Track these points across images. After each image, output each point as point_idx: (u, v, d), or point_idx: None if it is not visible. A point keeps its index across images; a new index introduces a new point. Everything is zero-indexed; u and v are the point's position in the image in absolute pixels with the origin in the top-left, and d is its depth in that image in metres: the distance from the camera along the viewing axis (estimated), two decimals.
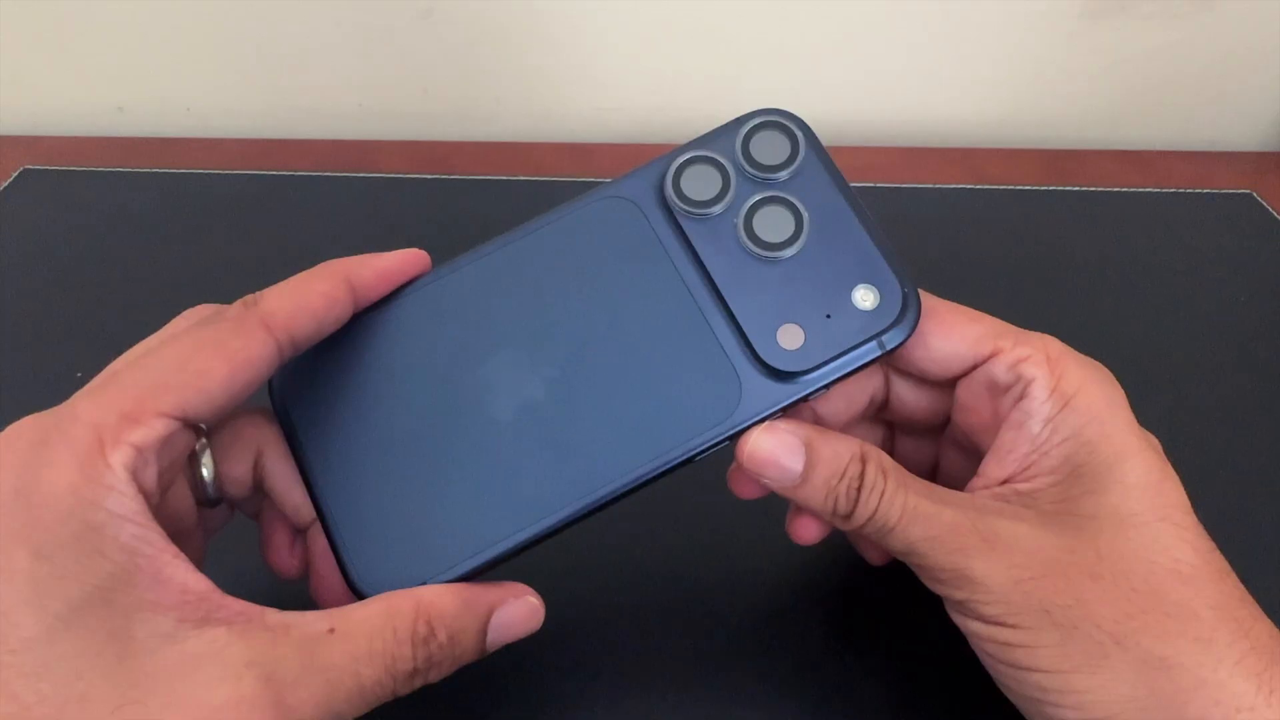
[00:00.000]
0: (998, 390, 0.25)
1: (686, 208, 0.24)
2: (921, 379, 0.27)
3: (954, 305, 0.25)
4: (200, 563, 0.25)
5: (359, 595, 0.23)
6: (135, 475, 0.19)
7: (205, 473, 0.24)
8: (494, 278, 0.25)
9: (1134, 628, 0.21)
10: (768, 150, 0.25)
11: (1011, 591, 0.21)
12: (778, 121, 0.25)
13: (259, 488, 0.25)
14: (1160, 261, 0.46)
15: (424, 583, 0.23)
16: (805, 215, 0.24)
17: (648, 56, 0.57)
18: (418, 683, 0.22)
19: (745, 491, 0.26)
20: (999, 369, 0.24)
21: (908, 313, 0.24)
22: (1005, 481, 0.24)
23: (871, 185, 0.52)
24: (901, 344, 0.24)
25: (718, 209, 0.24)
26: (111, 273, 0.45)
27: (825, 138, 0.25)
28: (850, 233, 0.24)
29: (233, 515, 0.27)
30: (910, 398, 0.27)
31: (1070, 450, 0.23)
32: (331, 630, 0.20)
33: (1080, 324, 0.23)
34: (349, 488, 0.24)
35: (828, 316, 0.24)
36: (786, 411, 0.24)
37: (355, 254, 0.25)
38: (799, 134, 0.25)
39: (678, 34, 0.56)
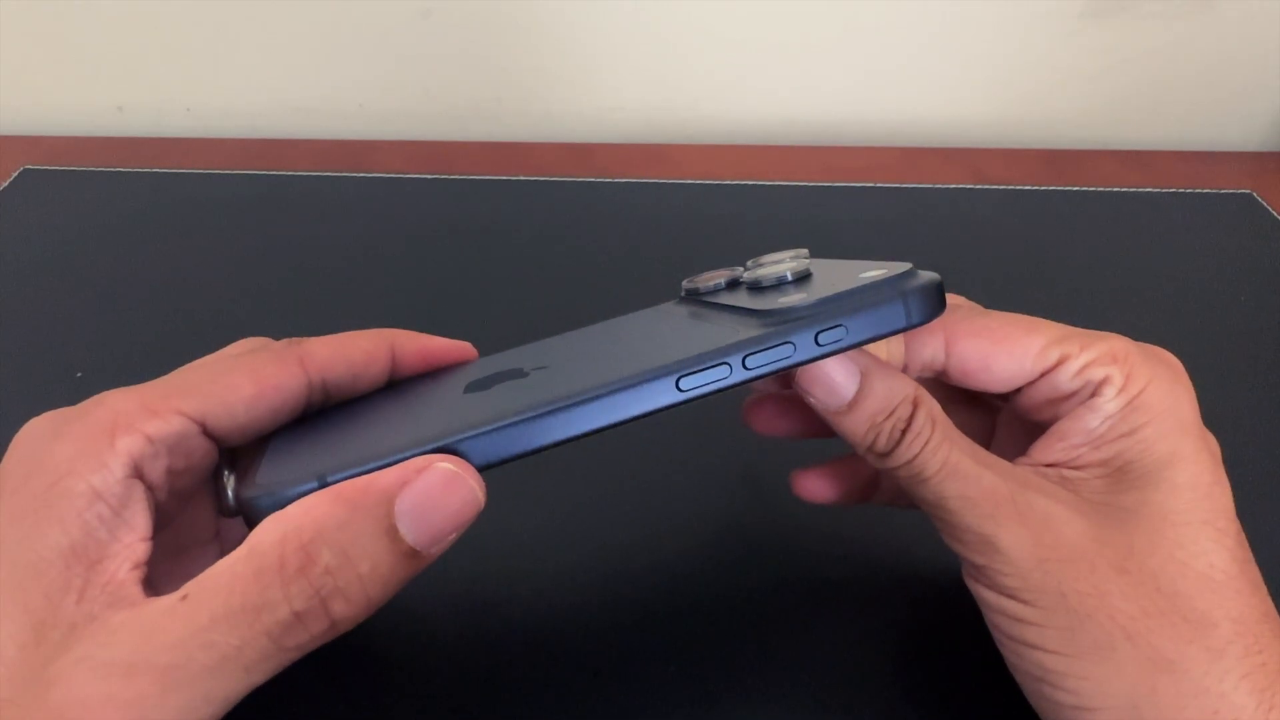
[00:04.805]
0: (1062, 394, 0.24)
1: (701, 289, 0.26)
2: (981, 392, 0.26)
3: (1006, 316, 0.24)
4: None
5: (246, 516, 0.19)
6: (140, 464, 0.20)
7: (225, 480, 0.24)
8: (513, 357, 0.25)
9: (1148, 626, 0.21)
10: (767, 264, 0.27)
11: (1033, 569, 0.21)
12: None
13: None
14: (1160, 261, 0.46)
15: (323, 482, 0.18)
16: (808, 262, 0.25)
17: (648, 56, 0.57)
18: (317, 629, 0.18)
19: (762, 425, 0.26)
20: (1064, 377, 0.23)
21: (919, 274, 0.21)
22: (1052, 466, 0.24)
23: (871, 185, 0.52)
24: (923, 297, 0.21)
25: (727, 284, 0.26)
26: (111, 273, 0.45)
27: (825, 138, 0.25)
28: (853, 266, 0.24)
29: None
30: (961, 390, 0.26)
31: (1124, 446, 0.23)
32: (184, 598, 0.17)
33: (1080, 324, 0.23)
34: (285, 455, 0.22)
35: (833, 285, 0.22)
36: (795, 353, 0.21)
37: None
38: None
39: (678, 34, 0.56)
